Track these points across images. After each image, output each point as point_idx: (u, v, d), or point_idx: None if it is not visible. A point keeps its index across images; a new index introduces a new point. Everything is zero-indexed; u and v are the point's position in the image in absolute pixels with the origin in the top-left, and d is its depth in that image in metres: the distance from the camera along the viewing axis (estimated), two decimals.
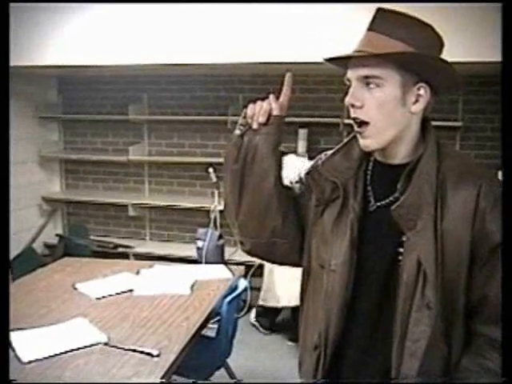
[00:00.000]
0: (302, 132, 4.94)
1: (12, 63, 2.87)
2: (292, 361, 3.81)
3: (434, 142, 1.30)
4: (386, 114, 1.24)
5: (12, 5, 1.88)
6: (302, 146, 4.94)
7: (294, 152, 4.45)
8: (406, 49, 1.19)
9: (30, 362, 2.01)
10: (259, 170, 1.40)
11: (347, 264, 1.33)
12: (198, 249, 4.31)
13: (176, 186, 5.73)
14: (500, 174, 3.62)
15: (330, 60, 1.31)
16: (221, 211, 4.40)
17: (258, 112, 1.37)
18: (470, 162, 1.35)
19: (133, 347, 2.14)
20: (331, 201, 1.38)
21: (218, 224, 4.42)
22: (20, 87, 5.03)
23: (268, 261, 1.68)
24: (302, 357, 1.48)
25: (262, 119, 1.37)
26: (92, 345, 2.16)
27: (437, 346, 1.25)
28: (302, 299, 1.51)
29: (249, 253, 1.55)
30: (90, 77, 5.63)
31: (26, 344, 2.12)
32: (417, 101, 1.25)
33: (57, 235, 5.74)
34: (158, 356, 2.08)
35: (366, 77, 1.23)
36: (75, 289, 2.87)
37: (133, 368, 2.00)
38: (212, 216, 4.45)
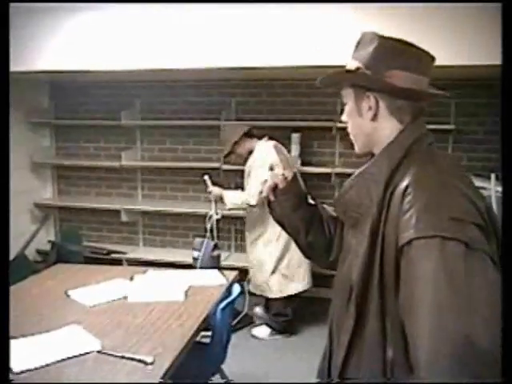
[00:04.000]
0: (295, 136, 4.94)
1: None
2: (286, 366, 3.81)
3: (398, 146, 1.32)
4: (352, 124, 1.43)
5: None
6: (295, 149, 4.94)
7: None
8: (357, 67, 1.36)
9: (21, 372, 1.98)
10: (292, 228, 1.71)
11: (340, 258, 1.51)
12: (194, 259, 4.30)
13: (169, 191, 5.72)
14: (493, 177, 3.64)
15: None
16: (217, 220, 4.38)
17: (267, 191, 1.68)
18: (433, 171, 1.24)
19: (127, 355, 2.12)
20: None
21: (215, 234, 4.39)
22: (11, 93, 4.99)
23: None
24: None
25: (270, 195, 1.68)
26: (86, 353, 2.14)
27: (377, 342, 1.26)
28: None
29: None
30: (81, 82, 5.62)
31: (18, 353, 2.10)
32: (370, 108, 1.36)
33: (49, 241, 5.72)
34: (152, 363, 2.07)
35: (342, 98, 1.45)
36: (68, 296, 2.85)
37: (127, 376, 1.98)
38: (208, 226, 4.42)
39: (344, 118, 1.45)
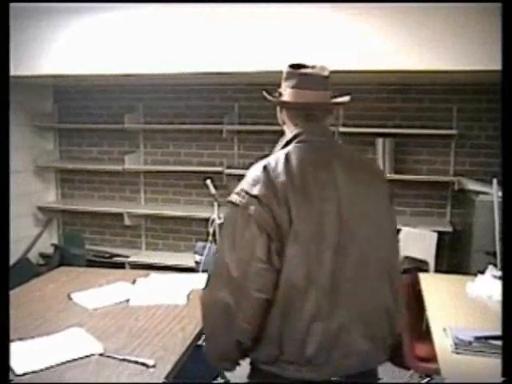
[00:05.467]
0: None
1: None
2: None
3: (280, 142, 1.89)
4: None
5: None
6: None
7: None
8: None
9: (24, 374, 1.99)
10: None
11: None
12: (196, 263, 4.30)
13: (171, 194, 5.73)
14: (495, 181, 3.64)
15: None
16: (220, 224, 4.37)
17: None
18: (265, 160, 1.78)
19: (129, 357, 2.13)
20: None
21: (218, 238, 4.38)
22: (15, 96, 5.02)
23: None
24: None
25: None
26: (88, 355, 2.15)
27: None
28: None
29: None
30: (85, 86, 5.64)
31: (21, 356, 2.10)
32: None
33: (52, 245, 5.73)
34: (153, 366, 2.07)
35: None
36: (70, 299, 2.86)
37: (129, 378, 1.98)
38: (211, 230, 4.41)
39: None
